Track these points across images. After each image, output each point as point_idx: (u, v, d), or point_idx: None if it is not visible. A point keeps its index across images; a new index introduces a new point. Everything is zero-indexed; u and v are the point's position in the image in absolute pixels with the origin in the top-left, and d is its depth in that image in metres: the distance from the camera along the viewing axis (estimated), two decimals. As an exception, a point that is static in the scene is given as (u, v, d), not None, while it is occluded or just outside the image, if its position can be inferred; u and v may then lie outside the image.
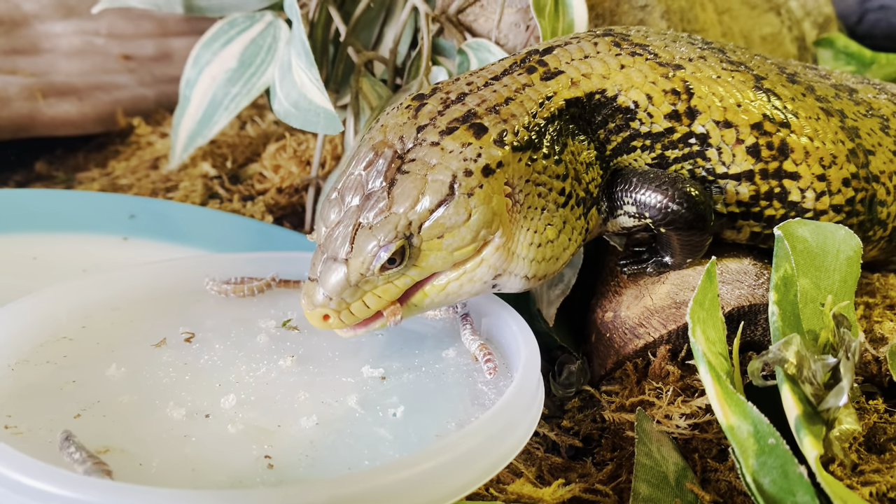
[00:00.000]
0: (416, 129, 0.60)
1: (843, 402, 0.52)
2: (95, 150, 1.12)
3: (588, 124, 0.64)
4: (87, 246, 0.81)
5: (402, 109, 0.62)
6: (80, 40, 1.11)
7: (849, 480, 0.55)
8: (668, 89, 0.65)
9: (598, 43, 0.67)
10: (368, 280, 0.58)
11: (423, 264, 0.58)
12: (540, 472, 0.61)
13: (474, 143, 0.58)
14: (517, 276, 0.61)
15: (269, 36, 0.88)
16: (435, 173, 0.57)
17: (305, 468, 0.51)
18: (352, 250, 0.57)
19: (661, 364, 0.64)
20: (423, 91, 0.64)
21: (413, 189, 0.57)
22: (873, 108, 0.74)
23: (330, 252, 0.58)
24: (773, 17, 1.05)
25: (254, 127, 1.11)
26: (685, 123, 0.65)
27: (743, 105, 0.66)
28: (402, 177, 0.58)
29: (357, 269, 0.57)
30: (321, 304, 0.58)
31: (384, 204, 0.57)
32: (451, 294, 0.60)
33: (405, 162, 0.58)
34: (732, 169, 0.66)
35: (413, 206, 0.57)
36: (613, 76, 0.65)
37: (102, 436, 0.52)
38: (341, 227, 0.58)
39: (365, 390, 0.58)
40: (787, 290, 0.57)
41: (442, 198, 0.57)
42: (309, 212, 0.91)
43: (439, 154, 0.58)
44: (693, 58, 0.68)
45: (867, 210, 0.69)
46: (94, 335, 0.63)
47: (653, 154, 0.66)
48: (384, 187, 0.58)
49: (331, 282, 0.57)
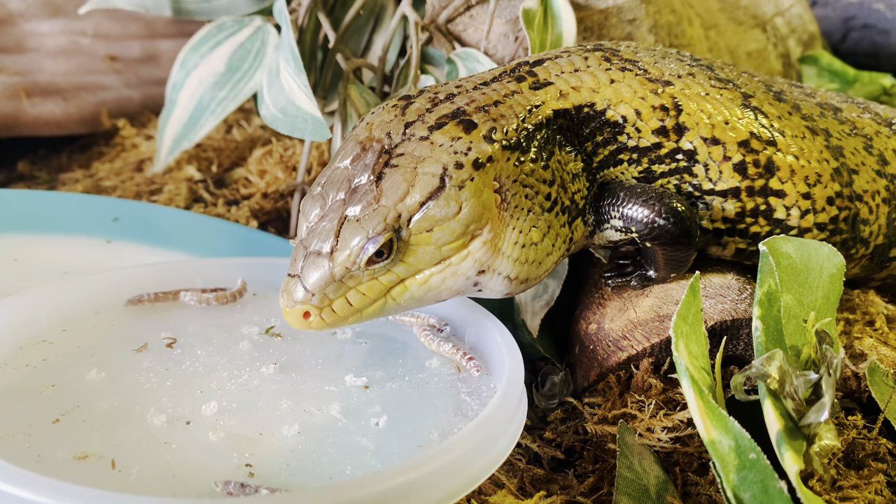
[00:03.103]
0: (403, 124, 0.59)
1: (824, 418, 0.52)
2: (79, 151, 1.11)
3: (576, 136, 0.65)
4: (70, 248, 0.80)
5: (388, 108, 0.61)
6: (66, 40, 1.10)
7: (828, 496, 0.55)
8: (657, 105, 0.66)
9: (589, 57, 0.67)
10: (353, 275, 0.56)
11: (410, 259, 0.57)
12: (522, 483, 0.61)
13: (464, 138, 0.58)
14: (500, 275, 0.60)
15: (257, 41, 0.87)
16: (425, 166, 0.57)
17: (286, 477, 0.50)
18: (337, 244, 0.56)
19: (644, 377, 0.65)
20: (408, 93, 0.64)
21: (402, 182, 0.56)
22: (857, 127, 0.75)
23: (313, 247, 0.57)
24: (758, 33, 1.06)
25: (240, 131, 1.11)
26: (673, 139, 0.66)
27: (731, 122, 0.67)
28: (391, 170, 0.57)
29: (343, 262, 0.56)
30: (302, 300, 0.56)
31: (372, 196, 0.56)
32: (432, 289, 0.59)
33: (393, 156, 0.58)
34: (719, 185, 0.66)
35: (403, 199, 0.56)
36: (603, 90, 0.65)
37: (81, 441, 0.51)
38: (325, 221, 0.57)
39: (347, 399, 0.58)
40: (770, 305, 0.58)
41: (432, 190, 0.56)
42: (294, 217, 0.91)
43: (428, 148, 0.57)
44: (682, 74, 0.68)
45: (850, 228, 0.70)
46: (74, 339, 0.62)
47: (639, 168, 0.66)
48: (372, 181, 0.57)
49: (313, 277, 0.56)
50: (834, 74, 1.11)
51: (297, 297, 0.56)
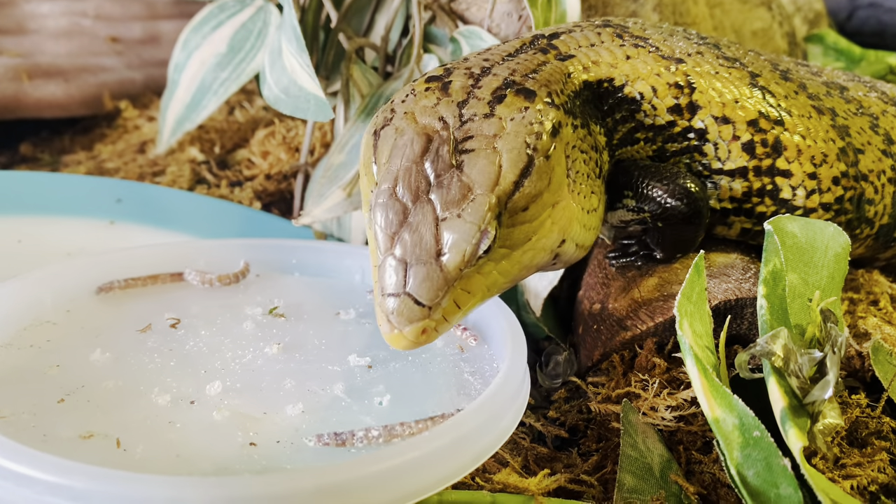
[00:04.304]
0: (456, 105, 0.56)
1: (828, 396, 0.52)
2: (81, 132, 1.11)
3: (598, 111, 0.64)
4: (73, 230, 0.80)
5: (422, 93, 0.57)
6: (67, 21, 1.10)
7: (831, 474, 0.55)
8: (672, 82, 0.65)
9: (601, 33, 0.67)
10: (463, 276, 0.52)
11: (509, 243, 0.54)
12: (526, 462, 0.61)
13: (532, 107, 0.55)
14: (574, 242, 0.58)
15: (259, 20, 0.87)
16: (506, 143, 0.53)
17: (290, 456, 0.50)
18: (442, 247, 0.51)
19: (648, 356, 0.65)
20: (432, 73, 0.60)
21: (489, 164, 0.52)
22: (863, 106, 0.74)
23: (412, 257, 0.51)
24: (764, 11, 1.05)
25: (242, 112, 1.10)
26: (686, 118, 0.65)
27: (740, 101, 0.66)
28: (469, 156, 0.53)
29: (457, 264, 0.51)
30: (420, 317, 0.50)
31: (462, 188, 0.52)
32: (522, 269, 0.55)
33: (461, 141, 0.54)
34: (727, 165, 0.66)
35: (496, 182, 0.52)
36: (620, 66, 0.64)
37: (86, 421, 0.52)
38: (415, 226, 0.52)
39: (351, 379, 0.58)
40: (775, 284, 0.58)
41: (523, 166, 0.53)
42: (297, 199, 0.90)
43: (498, 124, 0.54)
44: (692, 52, 0.68)
45: (855, 208, 0.70)
46: (78, 320, 0.62)
47: (654, 146, 0.66)
48: (453, 172, 0.53)
49: (428, 289, 0.51)
50: (840, 53, 1.10)
51: (415, 316, 0.51)
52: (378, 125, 0.57)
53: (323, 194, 0.75)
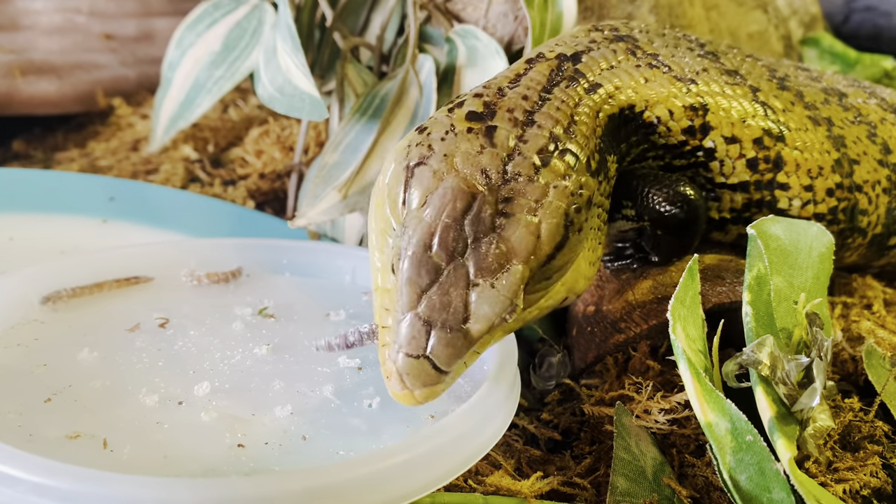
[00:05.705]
0: (500, 161, 0.54)
1: (815, 403, 0.52)
2: (74, 130, 1.10)
3: (614, 139, 0.63)
4: (66, 227, 0.80)
5: (463, 134, 0.55)
6: (61, 18, 1.09)
7: (823, 478, 0.55)
8: (687, 105, 0.65)
9: (616, 50, 0.66)
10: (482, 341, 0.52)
11: (527, 307, 0.54)
12: (518, 464, 0.61)
13: (575, 176, 0.54)
14: (574, 295, 0.58)
15: (254, 19, 0.86)
16: (548, 215, 0.52)
17: (279, 458, 0.50)
18: (470, 315, 0.50)
19: (642, 359, 0.64)
20: (472, 108, 0.57)
21: (528, 235, 0.52)
22: (862, 114, 0.74)
23: (439, 321, 0.50)
24: (760, 14, 1.05)
25: (237, 111, 1.10)
26: (698, 138, 0.65)
27: (746, 120, 0.67)
28: (510, 221, 0.52)
29: (481, 334, 0.51)
30: (435, 381, 0.50)
31: (498, 256, 0.51)
32: (524, 322, 0.55)
33: (501, 202, 0.53)
34: (731, 180, 0.67)
35: (532, 253, 0.52)
36: (640, 91, 0.64)
37: (73, 421, 0.51)
38: (446, 289, 0.51)
39: (341, 380, 0.57)
40: (760, 289, 0.57)
41: (559, 240, 0.53)
42: (291, 198, 0.90)
43: (541, 190, 0.53)
44: (699, 70, 0.68)
45: (848, 219, 0.70)
46: (66, 319, 0.62)
47: (661, 163, 0.66)
48: (492, 238, 0.52)
49: (449, 354, 0.50)
50: (835, 57, 1.10)
51: (430, 381, 0.50)
52: (412, 160, 0.55)
53: (318, 195, 0.75)
